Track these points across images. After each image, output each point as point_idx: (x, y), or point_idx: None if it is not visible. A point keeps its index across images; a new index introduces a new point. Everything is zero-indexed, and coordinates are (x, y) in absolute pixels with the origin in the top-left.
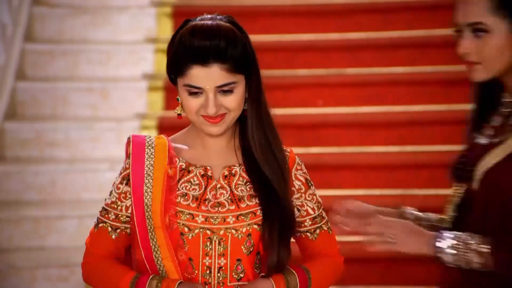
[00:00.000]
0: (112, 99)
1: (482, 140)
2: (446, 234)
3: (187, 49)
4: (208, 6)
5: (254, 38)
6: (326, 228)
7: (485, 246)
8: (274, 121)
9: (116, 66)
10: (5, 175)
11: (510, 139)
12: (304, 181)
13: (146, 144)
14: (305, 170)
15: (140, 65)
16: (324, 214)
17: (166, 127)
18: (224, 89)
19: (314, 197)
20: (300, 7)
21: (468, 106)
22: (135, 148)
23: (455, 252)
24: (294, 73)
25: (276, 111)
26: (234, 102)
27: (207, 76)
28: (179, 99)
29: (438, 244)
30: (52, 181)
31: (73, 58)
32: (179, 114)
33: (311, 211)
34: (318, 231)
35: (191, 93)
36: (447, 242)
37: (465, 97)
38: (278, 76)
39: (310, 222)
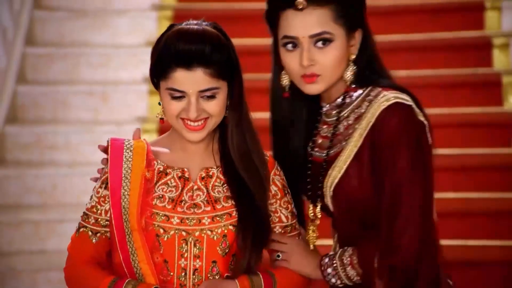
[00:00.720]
0: (113, 103)
1: (317, 153)
2: (327, 254)
3: (171, 52)
4: (209, 10)
5: (254, 41)
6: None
7: (355, 257)
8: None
9: (116, 69)
10: (5, 178)
11: (346, 149)
12: (280, 187)
13: (125, 147)
14: (283, 176)
15: (141, 68)
16: (297, 226)
17: (167, 131)
18: (207, 94)
19: (289, 205)
20: None
21: (470, 109)
22: (113, 151)
23: (334, 272)
24: None
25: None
26: (216, 107)
27: (191, 80)
28: (161, 103)
29: (322, 268)
30: (52, 185)
31: (74, 62)
32: (161, 118)
33: (284, 219)
34: None
35: (174, 97)
36: (327, 264)
37: (467, 101)
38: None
39: (280, 230)
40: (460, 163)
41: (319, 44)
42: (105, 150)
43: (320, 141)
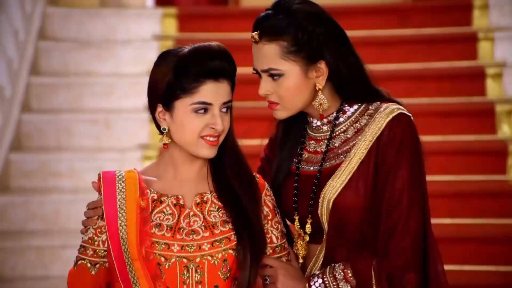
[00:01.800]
0: (115, 130)
1: (306, 167)
2: (314, 274)
3: (201, 66)
4: (209, 39)
5: (249, 70)
6: (285, 260)
7: (348, 271)
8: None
9: (119, 98)
10: (10, 205)
11: (348, 161)
12: (271, 207)
13: (117, 178)
14: (273, 197)
15: (142, 97)
16: (286, 245)
17: None
18: (227, 106)
19: (279, 226)
20: None
21: (464, 137)
22: (106, 183)
23: None
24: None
25: (251, 141)
26: (229, 121)
27: (218, 92)
28: (167, 128)
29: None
30: (56, 211)
31: (78, 91)
32: (165, 144)
33: (274, 239)
34: None
35: (197, 112)
36: (317, 282)
37: (461, 129)
38: (253, 107)
39: (271, 251)
40: (455, 190)
41: (273, 76)
42: (97, 185)
43: (306, 155)
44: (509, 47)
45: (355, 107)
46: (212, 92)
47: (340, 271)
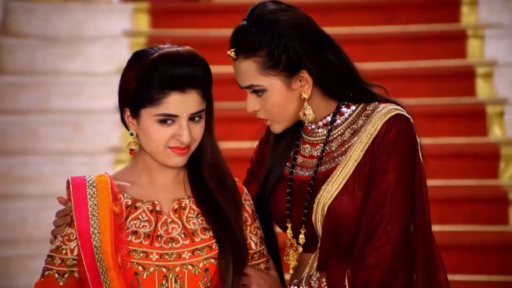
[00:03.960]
0: (85, 132)
1: (300, 172)
2: (291, 283)
3: (165, 76)
4: (184, 36)
5: (227, 69)
6: (263, 267)
7: (324, 279)
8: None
9: (89, 98)
10: None
11: (344, 164)
12: (250, 212)
13: (87, 184)
14: (252, 202)
15: (114, 97)
16: (265, 252)
17: None
18: (197, 116)
19: (258, 231)
20: None
21: (454, 140)
22: (76, 189)
23: None
24: None
25: (235, 144)
26: (200, 131)
27: (184, 103)
28: (134, 133)
29: None
30: (22, 219)
31: (45, 90)
32: (131, 149)
33: (253, 246)
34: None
35: (162, 122)
36: None
37: (451, 131)
38: (236, 108)
39: (249, 258)
40: (445, 195)
41: (257, 92)
42: (65, 200)
43: (301, 160)
44: (499, 45)
45: (353, 107)
46: (178, 103)
47: (316, 279)
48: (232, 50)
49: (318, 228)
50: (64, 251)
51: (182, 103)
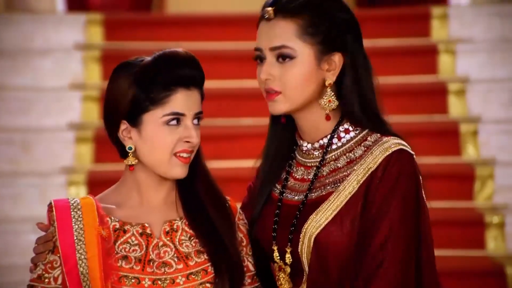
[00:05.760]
0: (35, 152)
1: (290, 195)
2: None
3: (170, 74)
4: (141, 50)
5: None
6: None
7: None
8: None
9: (39, 116)
10: None
11: (336, 195)
12: (245, 232)
13: (71, 206)
14: (246, 221)
15: (66, 114)
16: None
17: (96, 182)
18: (198, 117)
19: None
20: (243, 52)
21: (426, 159)
22: (59, 213)
23: None
24: (238, 122)
25: (221, 163)
26: (199, 137)
27: (190, 100)
28: (133, 147)
29: None
30: None
31: None
32: (131, 165)
33: (251, 267)
34: None
35: (170, 124)
36: None
37: (423, 150)
38: (222, 126)
39: (249, 281)
40: None
41: (281, 59)
42: (45, 226)
43: (292, 183)
44: (472, 60)
45: (352, 134)
46: (185, 101)
47: None
48: (270, 8)
49: (304, 261)
50: (47, 280)
51: (187, 100)
